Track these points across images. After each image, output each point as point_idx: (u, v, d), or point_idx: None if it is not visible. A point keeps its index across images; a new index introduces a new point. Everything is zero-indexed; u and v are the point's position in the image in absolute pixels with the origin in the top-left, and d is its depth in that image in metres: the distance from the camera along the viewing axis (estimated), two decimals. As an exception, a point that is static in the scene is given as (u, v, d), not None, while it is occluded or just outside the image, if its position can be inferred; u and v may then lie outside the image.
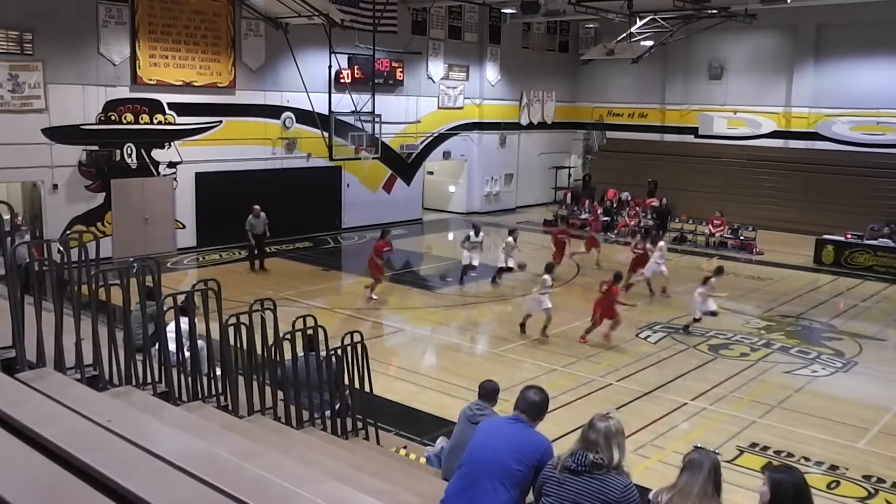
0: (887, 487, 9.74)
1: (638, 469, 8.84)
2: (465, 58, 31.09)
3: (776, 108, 31.91)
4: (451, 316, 17.30)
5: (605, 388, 12.93)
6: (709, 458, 4.66)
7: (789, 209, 28.23)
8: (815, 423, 11.83)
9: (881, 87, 29.09)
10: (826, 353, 15.01)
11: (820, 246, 23.76)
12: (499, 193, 32.91)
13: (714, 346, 15.41)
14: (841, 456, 10.57)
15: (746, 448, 10.69)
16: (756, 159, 31.01)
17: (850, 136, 30.36)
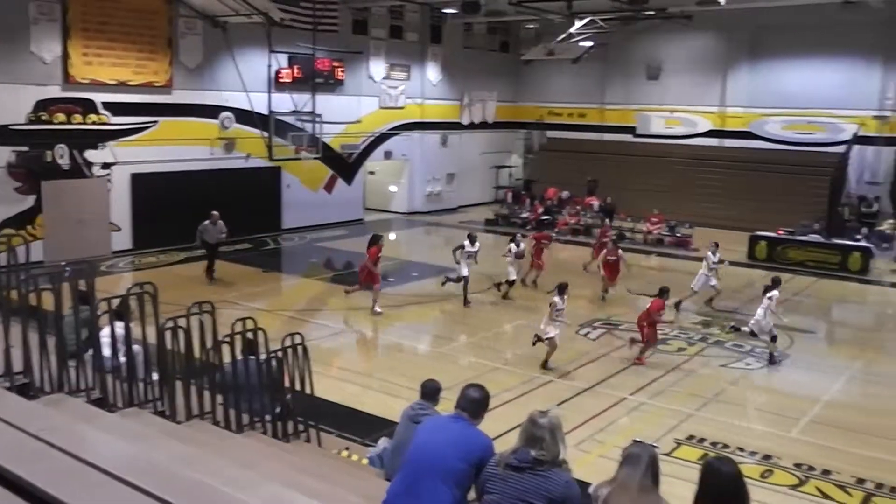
0: (817, 474, 10.06)
1: (579, 464, 8.95)
2: (407, 57, 31.08)
3: (712, 107, 32.66)
4: (394, 316, 17.28)
5: (546, 385, 13.08)
6: (647, 452, 4.74)
7: (725, 206, 28.87)
8: (749, 414, 12.16)
9: (812, 87, 29.98)
10: (759, 347, 15.40)
11: (753, 242, 24.38)
12: (440, 193, 32.96)
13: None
14: (774, 445, 10.87)
15: (684, 440, 10.92)
16: (692, 158, 31.68)
17: (782, 136, 31.24)
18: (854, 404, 13.15)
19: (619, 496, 4.61)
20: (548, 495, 4.57)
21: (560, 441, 4.68)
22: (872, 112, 29.39)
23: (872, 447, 11.10)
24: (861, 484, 9.86)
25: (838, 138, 29.89)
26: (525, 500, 4.59)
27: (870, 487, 9.78)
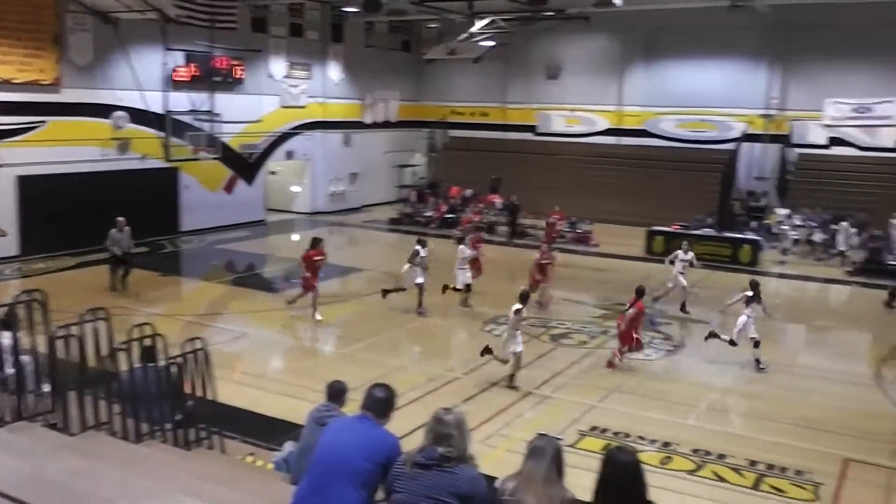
0: (713, 459, 10.46)
1: (486, 459, 8.99)
2: (308, 56, 30.72)
3: (609, 106, 33.56)
4: (296, 318, 17.06)
5: (452, 382, 13.15)
6: (551, 444, 4.82)
7: (623, 202, 29.66)
8: (649, 404, 12.52)
9: (703, 87, 31.19)
10: (658, 338, 15.91)
11: (651, 236, 25.15)
12: (344, 193, 32.72)
13: (555, 336, 16.00)
14: (673, 433, 11.24)
15: (588, 431, 11.18)
16: (592, 156, 32.48)
17: (676, 133, 32.38)
18: (747, 390, 13.72)
19: (524, 489, 4.67)
20: (455, 491, 4.60)
21: (465, 436, 4.72)
22: (759, 111, 30.77)
23: (764, 431, 11.61)
24: (754, 466, 10.30)
25: (728, 136, 31.21)
26: (433, 497, 4.61)
27: (762, 469, 10.23)
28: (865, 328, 18.37)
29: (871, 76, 28.74)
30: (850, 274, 23.17)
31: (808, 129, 30.11)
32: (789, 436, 11.36)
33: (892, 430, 11.88)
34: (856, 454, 10.85)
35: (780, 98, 30.52)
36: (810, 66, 29.73)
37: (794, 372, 14.82)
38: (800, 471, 10.17)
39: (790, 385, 13.88)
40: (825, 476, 10.06)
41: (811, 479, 9.99)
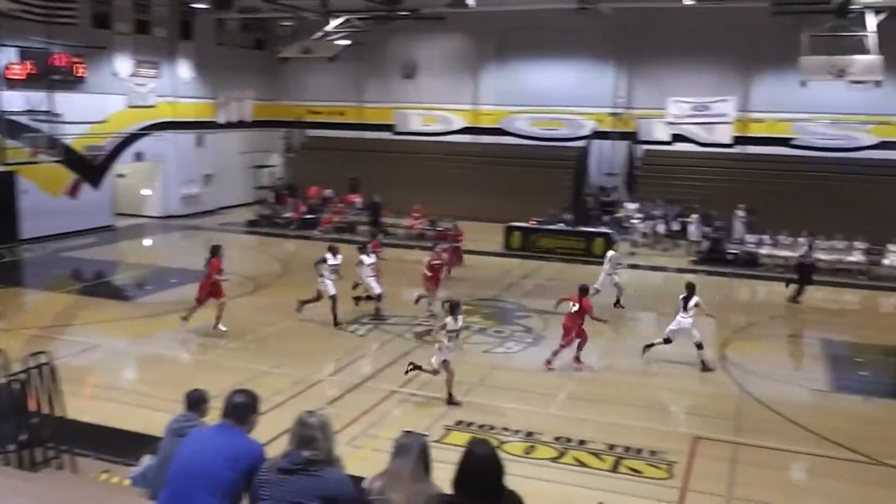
0: (574, 445, 10.83)
1: (354, 460, 8.97)
2: (156, 54, 29.52)
3: (465, 105, 34.09)
4: (151, 326, 16.38)
5: (316, 385, 13.00)
6: (417, 441, 4.84)
7: (481, 199, 30.15)
8: (512, 395, 12.80)
9: (554, 86, 32.22)
10: (518, 331, 16.29)
11: (508, 232, 25.74)
12: (198, 195, 31.66)
13: (419, 334, 16.09)
14: (535, 422, 11.55)
15: (453, 426, 11.31)
16: (450, 154, 32.90)
17: (530, 131, 33.29)
18: (604, 378, 14.26)
19: (391, 487, 4.68)
20: (322, 494, 4.55)
21: (329, 438, 4.67)
22: (607, 109, 32.09)
23: (619, 415, 12.13)
24: (612, 449, 10.74)
25: (579, 133, 32.41)
26: (298, 501, 4.54)
27: (619, 451, 10.67)
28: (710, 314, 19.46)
29: (708, 76, 30.56)
30: (695, 263, 24.55)
31: (652, 127, 31.66)
32: (644, 419, 11.91)
33: (735, 407, 12.68)
34: (704, 432, 11.51)
35: (626, 97, 31.95)
36: (653, 66, 31.28)
37: (646, 357, 15.52)
38: (654, 451, 10.69)
39: (643, 370, 14.54)
40: (677, 454, 10.61)
41: (665, 458, 10.51)
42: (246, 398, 5.21)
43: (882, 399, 13.71)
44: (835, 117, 29.56)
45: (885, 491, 10.04)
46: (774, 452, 11.04)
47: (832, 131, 29.90)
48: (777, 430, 11.78)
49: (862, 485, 10.20)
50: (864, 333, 17.08)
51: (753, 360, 15.07)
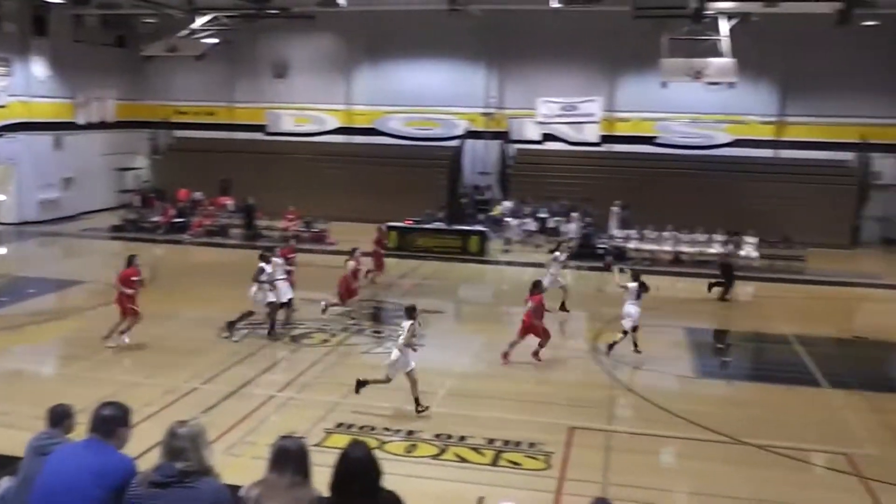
0: (455, 441, 10.93)
1: (232, 468, 8.73)
2: (6, 50, 27.82)
3: (339, 105, 33.86)
4: (8, 339, 15.40)
5: (190, 394, 12.57)
6: (295, 445, 4.75)
7: (357, 200, 30.00)
8: (392, 395, 12.76)
9: (427, 86, 32.48)
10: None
11: (385, 232, 25.70)
12: (57, 200, 30.02)
13: (296, 337, 15.85)
14: (416, 421, 11.58)
15: (334, 429, 11.19)
16: (324, 154, 32.59)
17: (404, 131, 33.41)
18: (481, 373, 14.49)
19: (270, 494, 4.58)
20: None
21: (204, 448, 4.53)
22: (480, 109, 32.59)
23: (498, 409, 12.33)
24: (492, 443, 10.90)
25: (453, 133, 32.78)
26: (174, 515, 4.39)
27: (499, 445, 10.85)
28: (581, 306, 20.07)
29: (576, 77, 31.57)
30: (567, 258, 25.18)
31: (524, 126, 32.38)
32: (521, 412, 12.15)
33: (608, 396, 13.13)
34: (579, 422, 11.86)
35: (498, 97, 32.54)
36: (523, 67, 32.00)
37: (522, 351, 15.85)
38: (532, 443, 10.92)
39: (519, 364, 14.83)
40: (554, 445, 10.89)
41: (542, 449, 10.76)
42: (114, 411, 4.99)
43: (742, 382, 14.53)
44: (694, 117, 31.15)
45: (747, 468, 10.63)
46: (645, 438, 11.52)
47: (691, 130, 31.49)
48: (647, 417, 12.29)
49: (726, 464, 10.77)
50: (725, 321, 18.03)
51: (624, 350, 15.62)
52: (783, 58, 29.97)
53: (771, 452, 11.05)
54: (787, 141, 30.93)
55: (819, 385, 14.15)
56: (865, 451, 11.22)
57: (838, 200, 28.55)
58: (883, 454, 11.17)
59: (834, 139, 29.96)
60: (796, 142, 30.69)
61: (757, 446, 11.22)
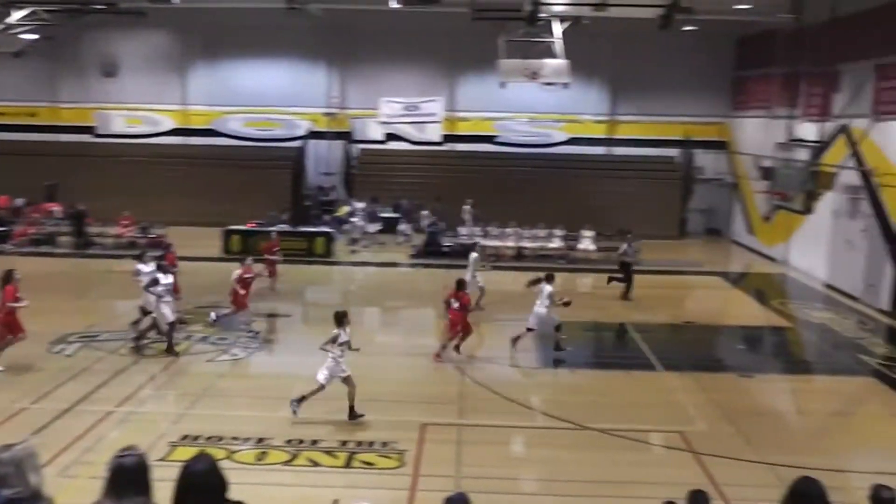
0: (307, 446, 10.76)
1: (68, 491, 8.20)
2: None
3: (174, 105, 32.51)
4: None
5: (18, 415, 11.70)
6: (132, 461, 4.48)
7: (197, 203, 28.99)
8: (240, 402, 12.46)
9: (268, 86, 31.79)
10: (243, 337, 15.83)
11: (227, 236, 24.97)
12: None
13: (136, 348, 15.08)
14: (266, 428, 11.31)
15: (179, 442, 10.73)
16: (159, 157, 31.21)
17: (244, 132, 32.56)
18: (332, 376, 14.33)
19: (106, 515, 4.30)
20: (27, 534, 4.09)
21: (33, 472, 4.20)
22: (322, 109, 32.25)
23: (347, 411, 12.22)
24: (345, 445, 10.82)
25: (295, 133, 32.28)
26: (3, 545, 4.04)
27: (352, 447, 10.78)
28: (429, 304, 20.27)
29: (418, 77, 31.85)
30: (413, 257, 25.47)
31: (367, 126, 32.32)
32: (373, 412, 12.09)
33: (458, 392, 13.32)
34: (431, 418, 11.97)
35: (339, 97, 32.31)
36: (365, 66, 31.93)
37: (372, 352, 15.74)
38: (385, 442, 10.93)
39: (369, 364, 14.70)
40: (407, 442, 10.94)
41: (395, 447, 10.79)
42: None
43: (584, 370, 15.13)
44: (531, 116, 32.14)
45: (592, 452, 11.08)
46: (496, 429, 11.79)
47: (530, 129, 32.51)
48: (497, 409, 12.56)
49: (572, 449, 11.17)
50: (566, 312, 18.67)
51: (472, 345, 15.90)
52: (613, 60, 31.52)
53: (613, 436, 11.57)
54: (618, 139, 32.51)
55: (655, 369, 14.96)
56: (697, 429, 11.98)
57: (666, 194, 30.31)
58: (712, 430, 11.94)
59: (661, 136, 31.78)
60: (627, 139, 32.32)
61: (600, 430, 11.73)
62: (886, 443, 12.03)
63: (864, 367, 15.50)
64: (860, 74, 20.67)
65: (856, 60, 21.51)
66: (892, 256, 19.51)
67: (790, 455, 10.92)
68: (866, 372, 15.24)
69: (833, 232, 22.42)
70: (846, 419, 13.41)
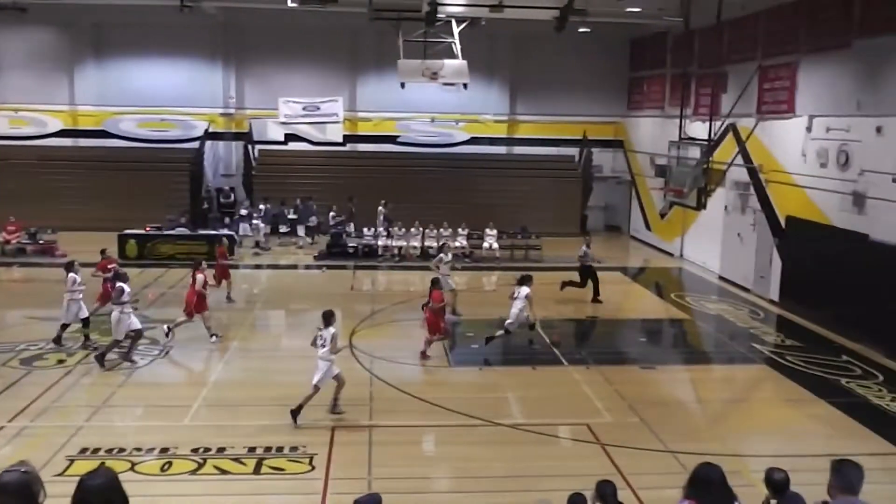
0: (214, 454, 10.48)
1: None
2: None
3: (62, 106, 31.17)
4: None
5: None
6: (16, 479, 4.21)
7: (89, 207, 27.93)
8: (142, 412, 12.05)
9: (162, 86, 30.84)
10: (143, 344, 15.30)
11: (123, 241, 24.11)
12: None
13: (26, 360, 14.41)
14: (170, 437, 10.97)
15: (77, 455, 10.29)
16: (46, 159, 29.83)
17: (138, 133, 31.50)
18: (235, 381, 14.04)
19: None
20: None
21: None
22: (219, 109, 31.51)
23: (257, 416, 12.01)
24: (253, 452, 10.58)
25: (192, 135, 31.41)
26: None
27: (260, 453, 10.56)
28: (335, 305, 20.01)
29: (318, 77, 31.54)
30: (317, 258, 25.20)
31: (266, 127, 31.76)
32: (281, 416, 11.88)
33: (368, 393, 13.23)
34: (341, 420, 11.84)
35: (237, 97, 31.65)
36: (263, 66, 31.41)
37: (278, 355, 15.64)
38: (294, 446, 10.76)
39: (276, 368, 14.56)
40: (317, 446, 10.80)
41: (305, 451, 10.64)
42: None
43: (491, 367, 15.25)
44: (432, 116, 32.26)
45: (502, 448, 11.20)
46: (407, 429, 11.78)
47: (431, 129, 32.61)
48: (407, 409, 12.55)
49: (483, 446, 11.26)
50: (473, 310, 18.85)
51: (380, 346, 15.86)
52: (512, 60, 32.05)
53: (522, 431, 11.73)
54: (519, 138, 33.00)
55: (561, 364, 15.24)
56: (603, 420, 12.26)
57: (567, 193, 30.93)
58: (616, 421, 12.25)
59: (560, 136, 32.42)
60: (527, 139, 32.85)
61: (510, 426, 11.87)
62: (779, 426, 12.61)
63: (757, 356, 16.20)
64: (745, 75, 21.59)
65: (741, 62, 22.50)
66: (779, 249, 20.50)
67: (691, 442, 11.33)
68: (760, 360, 15.94)
69: (725, 226, 23.37)
70: (742, 405, 13.98)
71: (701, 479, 5.48)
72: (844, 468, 5.29)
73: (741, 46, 22.72)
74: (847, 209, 17.69)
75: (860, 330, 16.86)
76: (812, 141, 19.19)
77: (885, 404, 13.31)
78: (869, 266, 16.69)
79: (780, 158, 20.61)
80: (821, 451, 10.01)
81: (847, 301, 17.32)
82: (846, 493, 5.23)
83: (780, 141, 20.69)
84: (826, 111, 18.78)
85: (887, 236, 16.29)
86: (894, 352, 15.77)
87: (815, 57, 19.06)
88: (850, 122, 17.78)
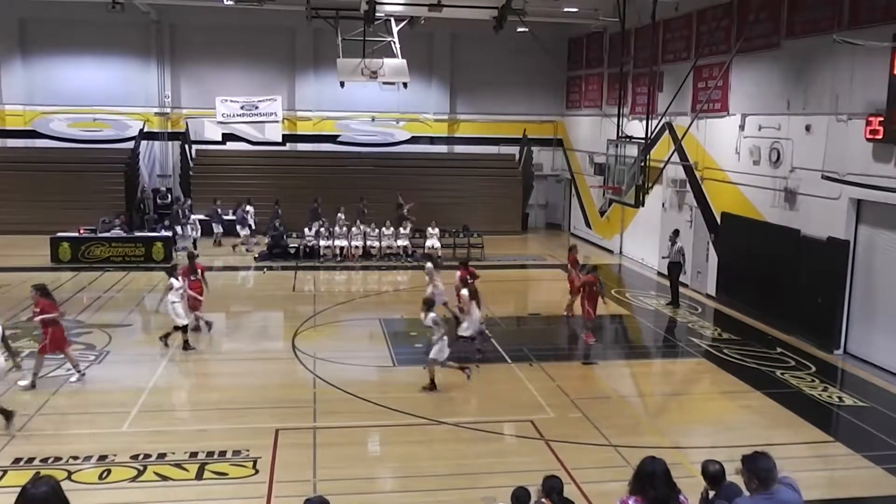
0: (154, 460, 10.26)
1: None
2: None
3: (-10, 105, 30.20)
4: None
5: None
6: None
7: (18, 210, 27.18)
8: (77, 420, 11.73)
9: (95, 85, 30.13)
10: (79, 349, 14.92)
11: (55, 244, 23.46)
12: None
13: None
14: (108, 444, 10.71)
15: (10, 466, 9.98)
16: (-28, 161, 28.88)
17: (68, 133, 30.68)
18: (175, 385, 13.80)
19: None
20: None
21: None
22: (154, 109, 30.88)
23: (198, 421, 11.82)
24: (194, 457, 10.39)
25: (127, 134, 30.73)
26: None
27: (202, 458, 10.37)
28: (277, 307, 19.87)
29: (256, 76, 31.19)
30: (257, 259, 24.90)
31: (203, 126, 31.24)
32: (222, 420, 11.74)
33: (311, 394, 13.12)
34: (284, 423, 11.72)
35: (172, 96, 31.05)
36: (199, 65, 30.89)
37: (219, 359, 15.40)
38: (237, 450, 10.60)
39: (217, 371, 14.36)
40: (261, 449, 10.66)
41: (249, 455, 10.49)
42: None
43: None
44: (372, 115, 32.14)
45: (447, 446, 11.21)
46: (351, 430, 11.70)
47: (371, 128, 32.47)
48: (351, 409, 12.47)
49: (427, 445, 11.26)
50: (414, 309, 18.81)
51: (323, 347, 15.74)
52: (452, 59, 32.11)
53: (466, 428, 11.77)
54: (459, 137, 33.08)
55: (505, 361, 15.32)
56: (547, 416, 12.37)
57: (508, 191, 31.14)
58: (559, 416, 12.38)
59: (500, 135, 32.61)
60: (468, 138, 32.95)
61: (454, 424, 11.89)
62: (717, 418, 12.89)
63: (695, 349, 16.54)
64: (681, 75, 22.02)
65: (676, 62, 22.95)
66: (715, 245, 20.96)
67: (633, 436, 11.52)
68: (698, 353, 16.26)
69: (662, 223, 23.79)
70: (682, 399, 14.26)
71: (646, 473, 5.61)
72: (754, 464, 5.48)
73: (676, 46, 23.19)
74: (779, 205, 18.21)
75: (793, 322, 17.36)
76: (745, 139, 19.69)
77: (818, 394, 13.72)
78: (800, 260, 17.20)
79: (715, 156, 21.10)
80: (757, 442, 10.26)
81: (780, 295, 17.83)
82: (763, 487, 5.40)
83: (715, 139, 21.18)
84: (758, 110, 19.29)
85: (817, 231, 16.81)
86: (825, 343, 16.28)
87: (747, 57, 19.54)
88: (780, 120, 18.29)
